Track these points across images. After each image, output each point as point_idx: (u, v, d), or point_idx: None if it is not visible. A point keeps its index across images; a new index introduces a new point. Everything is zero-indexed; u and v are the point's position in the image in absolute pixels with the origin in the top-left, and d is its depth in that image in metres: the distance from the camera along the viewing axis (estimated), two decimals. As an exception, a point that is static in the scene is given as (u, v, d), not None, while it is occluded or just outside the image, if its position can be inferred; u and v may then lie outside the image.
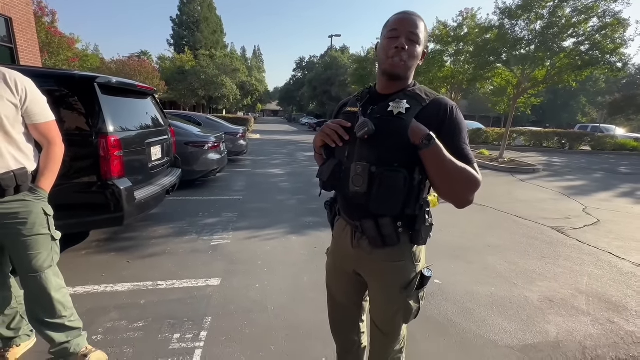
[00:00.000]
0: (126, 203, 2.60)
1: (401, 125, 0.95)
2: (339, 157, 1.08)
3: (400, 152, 0.96)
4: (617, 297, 2.55)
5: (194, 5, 37.27)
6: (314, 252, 3.19)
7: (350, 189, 1.00)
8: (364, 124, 0.95)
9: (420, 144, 0.90)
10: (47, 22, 12.60)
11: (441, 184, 0.95)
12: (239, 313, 2.15)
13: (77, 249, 3.00)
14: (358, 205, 1.03)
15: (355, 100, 1.12)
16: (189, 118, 7.76)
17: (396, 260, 1.06)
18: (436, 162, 0.91)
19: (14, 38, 7.36)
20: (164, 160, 3.57)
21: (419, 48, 0.98)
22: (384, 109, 1.00)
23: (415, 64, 1.00)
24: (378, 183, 0.95)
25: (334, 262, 1.26)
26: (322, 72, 28.49)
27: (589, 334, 2.10)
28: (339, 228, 1.20)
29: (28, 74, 2.52)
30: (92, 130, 2.48)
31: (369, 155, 0.99)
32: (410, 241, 1.04)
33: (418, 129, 0.91)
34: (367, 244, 1.07)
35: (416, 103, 0.98)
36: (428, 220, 1.02)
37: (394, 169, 0.95)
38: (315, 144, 1.16)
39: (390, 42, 0.97)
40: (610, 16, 9.26)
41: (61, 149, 1.55)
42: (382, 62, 1.02)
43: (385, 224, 1.00)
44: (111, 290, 2.36)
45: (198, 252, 3.05)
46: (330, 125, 1.06)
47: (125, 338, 1.87)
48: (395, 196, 0.96)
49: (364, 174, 0.97)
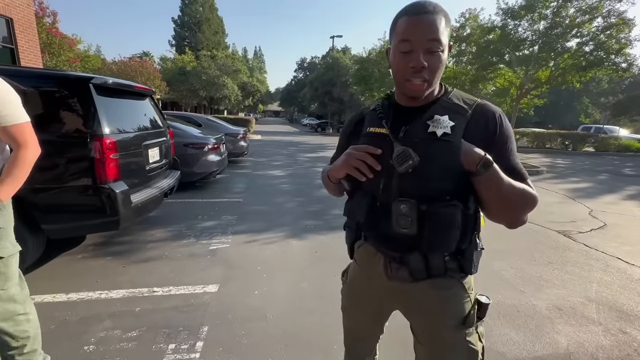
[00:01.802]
0: (122, 207, 2.54)
1: (449, 149, 0.78)
2: (370, 189, 0.90)
3: (451, 181, 0.80)
4: (629, 306, 2.47)
5: (195, 6, 37.35)
6: (315, 256, 3.12)
7: (394, 230, 0.83)
8: (404, 155, 0.77)
9: (476, 170, 0.75)
10: (48, 22, 12.59)
11: (497, 209, 0.82)
12: (236, 322, 2.08)
13: (73, 253, 2.94)
14: (401, 240, 0.86)
15: (378, 117, 0.91)
16: (188, 119, 7.71)
17: (444, 288, 0.89)
18: (494, 188, 0.77)
19: (15, 39, 7.34)
20: (162, 162, 3.50)
21: (444, 54, 0.79)
22: (422, 129, 0.82)
23: (441, 73, 0.81)
24: (432, 224, 0.80)
25: (356, 293, 1.07)
26: (324, 72, 28.41)
27: (601, 345, 2.01)
28: (366, 254, 1.00)
29: (24, 74, 2.49)
30: (87, 132, 2.41)
31: (414, 189, 0.82)
32: (459, 270, 0.88)
33: (471, 153, 0.76)
34: (407, 274, 0.89)
35: (459, 117, 0.81)
36: (479, 244, 0.88)
37: (449, 204, 0.80)
38: (329, 173, 0.97)
39: (405, 60, 0.78)
40: (615, 16, 9.17)
41: (34, 153, 1.39)
42: (398, 82, 0.84)
43: (435, 257, 0.85)
44: (105, 297, 2.29)
45: (196, 257, 2.99)
46: (355, 154, 0.86)
47: (119, 349, 1.80)
48: (452, 234, 0.81)
49: (411, 213, 0.80)
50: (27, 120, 1.38)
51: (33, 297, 2.22)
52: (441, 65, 0.79)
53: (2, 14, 6.94)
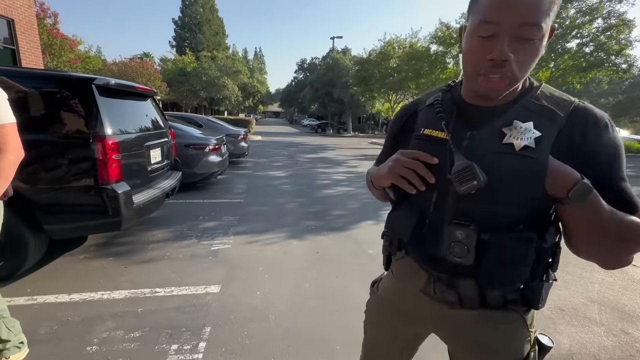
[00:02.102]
0: (124, 207, 2.54)
1: (531, 168, 0.59)
2: (419, 203, 0.74)
3: (528, 208, 0.63)
4: (631, 306, 2.47)
5: (196, 7, 37.43)
6: (316, 257, 3.12)
7: (444, 256, 0.68)
8: (468, 172, 0.60)
9: (566, 197, 0.58)
10: (49, 23, 12.62)
11: (589, 246, 0.64)
12: (239, 322, 2.08)
13: (74, 254, 2.94)
14: (453, 265, 0.70)
15: (437, 116, 0.73)
16: (190, 120, 7.72)
17: (502, 321, 0.72)
18: (589, 220, 0.59)
19: (16, 40, 7.35)
20: (164, 163, 3.51)
21: (542, 42, 0.58)
22: (495, 138, 0.63)
23: (531, 67, 0.61)
24: (494, 257, 0.63)
25: (392, 305, 0.89)
26: (324, 73, 28.45)
27: (603, 346, 2.01)
28: (406, 268, 0.85)
29: (26, 75, 2.50)
30: (89, 132, 2.42)
31: (476, 213, 0.66)
32: (522, 302, 0.71)
33: (563, 175, 0.58)
34: (455, 299, 0.73)
35: (549, 124, 0.61)
36: (551, 275, 0.69)
37: (520, 236, 0.62)
38: (376, 181, 0.81)
39: (484, 48, 0.59)
40: (615, 17, 9.19)
41: (15, 157, 1.34)
42: (468, 74, 0.65)
43: (494, 292, 0.70)
44: (108, 297, 2.29)
45: (198, 258, 2.99)
46: (403, 161, 0.70)
47: (121, 349, 1.80)
48: (519, 271, 0.64)
49: (469, 241, 0.64)
50: (11, 121, 1.32)
51: (35, 298, 2.24)
52: (535, 57, 0.59)
53: (3, 15, 6.96)
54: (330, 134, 27.46)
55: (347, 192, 6.18)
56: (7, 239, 2.33)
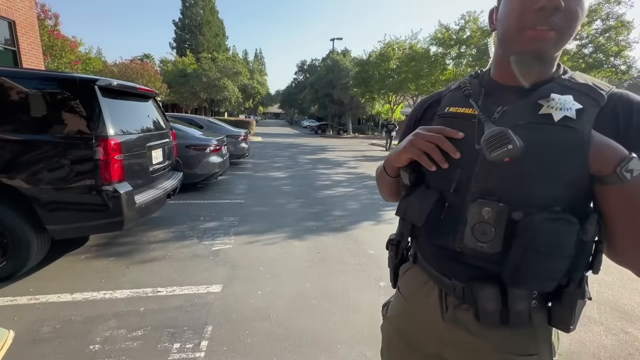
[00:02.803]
0: (126, 207, 2.55)
1: (572, 139, 0.54)
2: (438, 186, 0.67)
3: (566, 186, 0.55)
4: (630, 306, 2.48)
5: (196, 8, 37.51)
6: (317, 257, 3.13)
7: (466, 243, 0.60)
8: (501, 136, 0.53)
9: (612, 174, 0.51)
10: (50, 25, 12.66)
11: (634, 243, 0.55)
12: (240, 321, 2.09)
13: (76, 254, 2.96)
14: (469, 263, 0.63)
15: (463, 94, 0.68)
16: (190, 121, 7.75)
17: (523, 352, 0.63)
18: (636, 206, 0.53)
19: (17, 41, 7.38)
20: (165, 163, 3.52)
21: (582, 9, 0.55)
22: (532, 110, 0.58)
23: (574, 33, 0.58)
24: (527, 241, 0.55)
25: (399, 333, 0.80)
26: (324, 75, 28.50)
27: (603, 345, 2.02)
28: (414, 282, 0.77)
29: (29, 76, 2.51)
30: (92, 133, 2.43)
31: (505, 190, 0.58)
32: (549, 322, 0.62)
33: (608, 149, 0.52)
34: (470, 318, 0.64)
35: (589, 101, 0.56)
36: (587, 291, 0.60)
37: (559, 217, 0.54)
38: (391, 161, 0.73)
39: (528, 1, 0.55)
40: (614, 18, 9.23)
41: None
42: (510, 37, 0.59)
43: (520, 295, 0.59)
44: (110, 297, 2.30)
45: (199, 258, 3.00)
46: (425, 135, 0.64)
47: (124, 348, 1.81)
48: (557, 263, 0.55)
49: (497, 222, 0.56)
50: None
51: (37, 297, 2.25)
52: (581, 15, 0.56)
53: (4, 17, 6.98)
54: (330, 135, 27.49)
55: (347, 192, 6.19)
56: (10, 239, 2.35)
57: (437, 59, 15.33)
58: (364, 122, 35.74)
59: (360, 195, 5.94)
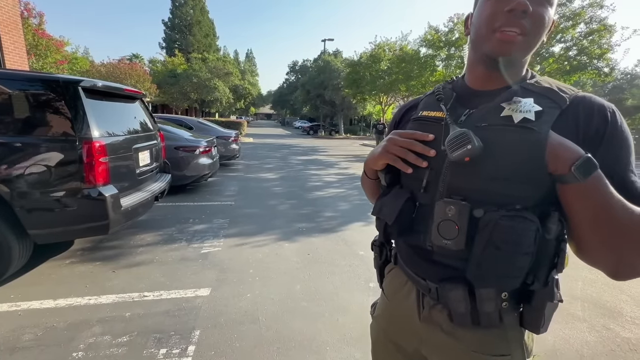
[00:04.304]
0: (111, 211, 2.51)
1: (530, 140, 0.56)
2: (410, 186, 0.71)
3: (526, 185, 0.57)
4: (612, 303, 2.54)
5: (186, 8, 37.10)
6: (307, 259, 3.13)
7: (433, 241, 0.63)
8: (462, 137, 0.57)
9: (568, 173, 0.53)
10: (35, 24, 12.36)
11: (595, 240, 0.56)
12: (229, 325, 2.07)
13: (60, 258, 2.89)
14: (440, 262, 0.66)
15: (436, 99, 0.72)
16: (180, 122, 7.66)
17: (495, 352, 0.65)
18: (595, 204, 0.53)
19: (0, 40, 7.17)
20: (153, 165, 3.47)
21: (551, 10, 0.59)
22: (494, 112, 0.61)
23: (540, 40, 0.61)
24: (486, 237, 0.57)
25: (384, 331, 0.83)
26: (316, 75, 28.51)
27: (586, 341, 2.07)
28: (395, 283, 0.80)
29: (11, 77, 2.44)
30: (76, 135, 2.38)
31: (470, 189, 0.61)
32: (520, 323, 0.64)
33: (564, 148, 0.54)
34: (444, 318, 0.68)
35: (550, 103, 0.58)
36: (557, 294, 0.60)
37: (517, 215, 0.55)
38: (369, 164, 0.78)
39: (499, 4, 0.58)
40: (597, 22, 9.48)
41: None
42: (481, 38, 0.62)
43: (487, 297, 0.60)
44: (95, 302, 2.26)
45: (187, 261, 2.96)
46: (398, 140, 0.68)
47: (109, 354, 1.77)
48: (518, 260, 0.56)
49: (460, 219, 0.59)
50: None
51: (19, 304, 2.18)
52: (547, 23, 0.59)
53: (-14, 15, 6.79)
54: (322, 135, 27.51)
55: (338, 193, 6.21)
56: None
57: (427, 60, 15.50)
58: (355, 123, 35.87)
59: (351, 196, 5.96)
